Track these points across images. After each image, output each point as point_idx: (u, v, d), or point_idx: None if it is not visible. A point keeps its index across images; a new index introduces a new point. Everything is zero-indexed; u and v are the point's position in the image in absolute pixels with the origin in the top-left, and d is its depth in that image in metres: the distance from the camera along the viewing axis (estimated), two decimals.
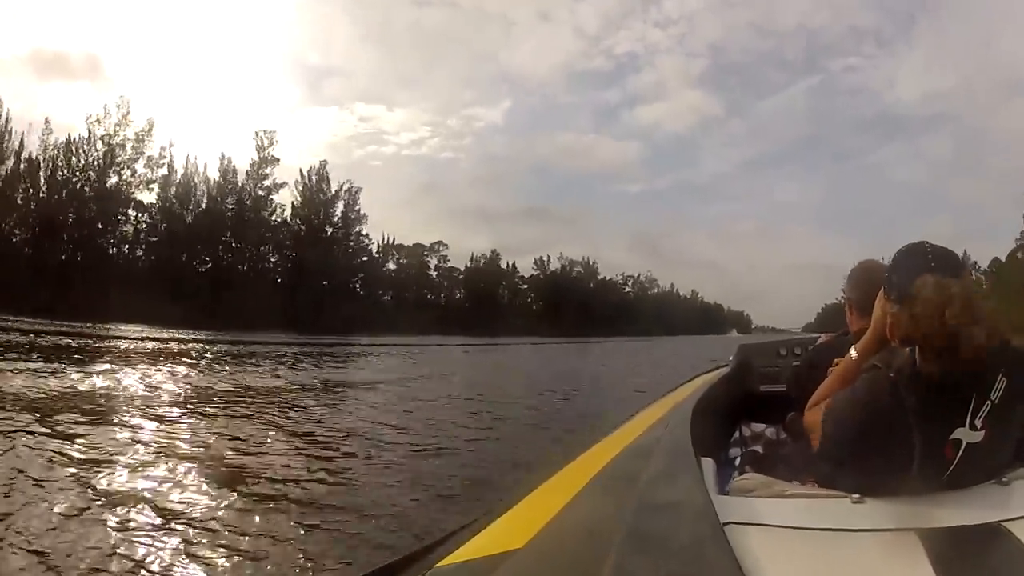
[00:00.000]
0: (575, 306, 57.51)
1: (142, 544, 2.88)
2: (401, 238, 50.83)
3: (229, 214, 38.86)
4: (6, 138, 31.82)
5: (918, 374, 0.95)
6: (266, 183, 39.85)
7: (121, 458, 4.40)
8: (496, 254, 57.31)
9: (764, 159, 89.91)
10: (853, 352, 1.15)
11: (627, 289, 72.43)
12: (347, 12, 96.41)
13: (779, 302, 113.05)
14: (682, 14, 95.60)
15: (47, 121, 33.63)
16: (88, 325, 22.36)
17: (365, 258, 45.86)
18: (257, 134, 40.26)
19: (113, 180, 34.63)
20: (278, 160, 40.77)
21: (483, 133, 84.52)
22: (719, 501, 1.01)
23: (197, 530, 3.10)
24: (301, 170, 42.93)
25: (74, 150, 33.61)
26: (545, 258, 61.19)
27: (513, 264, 58.03)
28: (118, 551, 2.77)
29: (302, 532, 3.12)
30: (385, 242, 48.87)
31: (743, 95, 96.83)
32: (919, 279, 0.96)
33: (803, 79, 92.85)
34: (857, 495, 0.98)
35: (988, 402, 0.94)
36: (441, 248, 53.13)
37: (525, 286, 59.58)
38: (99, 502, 3.41)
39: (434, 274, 53.28)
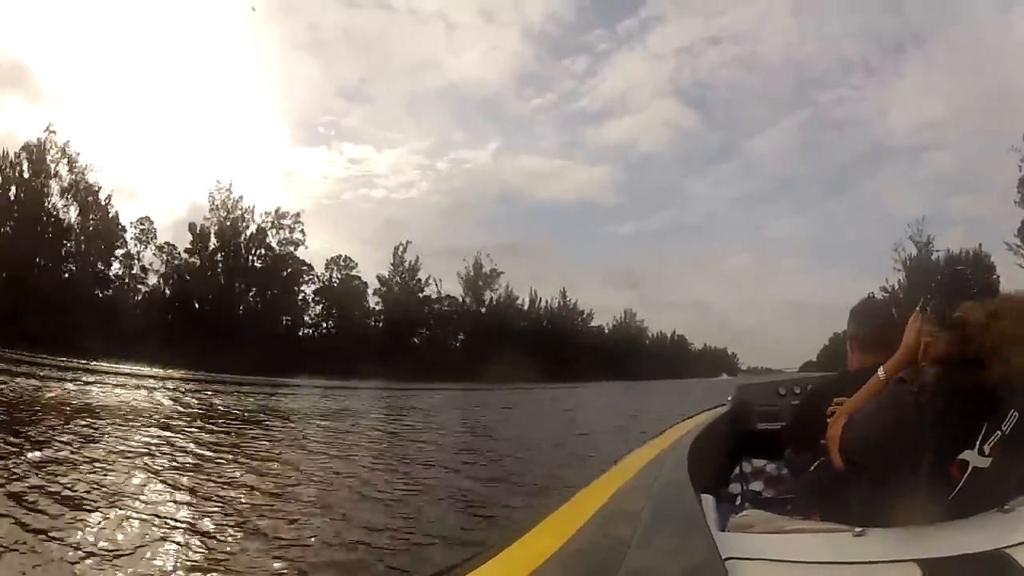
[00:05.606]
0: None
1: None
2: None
3: None
4: None
5: (941, 389, 0.99)
6: None
7: None
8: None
9: (755, 196, 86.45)
10: (881, 372, 1.21)
11: (453, 313, 43.11)
12: (273, 21, 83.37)
13: (770, 340, 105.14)
14: (667, 51, 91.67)
15: None
16: None
17: None
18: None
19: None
20: None
21: (447, 152, 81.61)
22: (720, 537, 1.01)
23: None
24: None
25: None
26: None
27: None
28: None
29: None
30: None
31: (732, 132, 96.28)
32: (964, 303, 1.02)
33: (793, 113, 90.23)
34: (859, 528, 0.98)
35: (999, 432, 0.97)
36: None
37: None
38: None
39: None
